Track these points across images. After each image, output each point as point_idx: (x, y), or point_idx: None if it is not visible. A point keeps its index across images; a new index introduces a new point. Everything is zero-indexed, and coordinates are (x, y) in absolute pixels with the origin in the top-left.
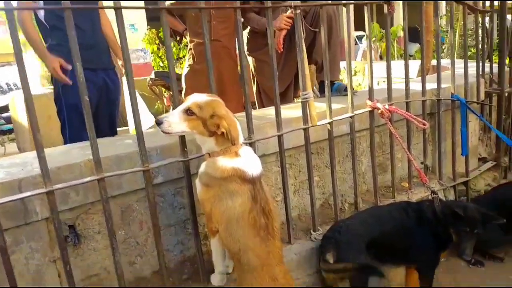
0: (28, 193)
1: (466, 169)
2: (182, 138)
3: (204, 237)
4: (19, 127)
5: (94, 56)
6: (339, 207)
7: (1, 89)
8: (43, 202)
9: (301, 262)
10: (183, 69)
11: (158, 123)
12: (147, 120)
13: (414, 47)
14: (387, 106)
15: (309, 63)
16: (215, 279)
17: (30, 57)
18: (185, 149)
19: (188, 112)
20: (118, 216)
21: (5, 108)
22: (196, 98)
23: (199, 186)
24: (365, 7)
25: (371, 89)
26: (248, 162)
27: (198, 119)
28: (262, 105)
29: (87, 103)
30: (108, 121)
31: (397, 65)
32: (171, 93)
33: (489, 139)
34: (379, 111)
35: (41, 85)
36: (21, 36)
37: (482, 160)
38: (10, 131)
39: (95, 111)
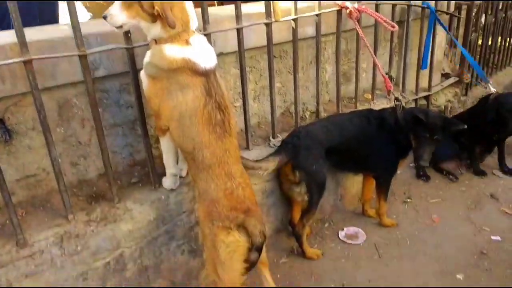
0: None
1: (429, 84)
2: None
3: (155, 141)
4: None
5: None
6: (300, 115)
7: None
8: None
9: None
10: None
11: (104, 17)
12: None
13: None
14: (356, 6)
15: None
16: (167, 182)
17: None
18: (129, 35)
19: None
20: (55, 111)
21: None
22: None
23: (145, 78)
24: None
25: None
26: (200, 52)
27: (134, 3)
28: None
29: None
30: (50, 12)
31: None
32: None
33: (454, 54)
34: (348, 11)
35: None
36: None
37: (445, 75)
38: None
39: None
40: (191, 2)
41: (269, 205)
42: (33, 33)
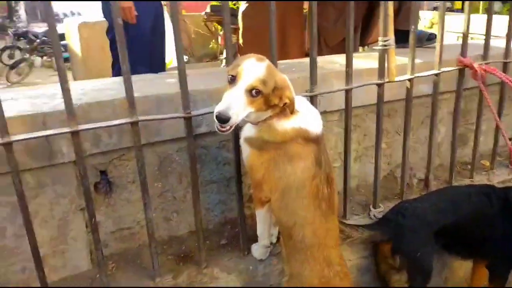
0: (49, 132)
1: None
2: None
3: (248, 199)
4: (73, 56)
5: None
6: (406, 182)
7: (57, 17)
8: (71, 143)
9: (355, 242)
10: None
11: (225, 119)
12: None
13: (497, 3)
14: (483, 65)
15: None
16: (257, 252)
17: None
18: None
19: (254, 92)
20: (155, 165)
21: (62, 37)
22: (255, 72)
23: (248, 150)
24: None
25: (465, 42)
26: (309, 117)
27: (262, 97)
28: (319, 54)
29: (120, 26)
30: (159, 55)
31: (480, 20)
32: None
33: None
34: (472, 71)
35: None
36: None
37: None
38: (68, 59)
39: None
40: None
41: (363, 285)
42: (141, 86)
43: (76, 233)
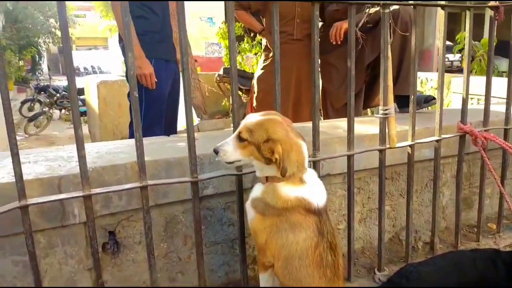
0: (63, 196)
1: None
2: None
3: (252, 261)
4: (91, 112)
5: (170, 47)
6: (411, 245)
7: (77, 72)
8: (83, 205)
9: None
10: (253, 66)
11: (215, 151)
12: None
13: (505, 63)
14: (483, 132)
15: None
16: None
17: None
18: None
19: (240, 138)
20: (162, 227)
21: (81, 91)
22: (248, 120)
23: (252, 213)
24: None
25: (464, 108)
26: (313, 190)
27: (250, 144)
28: (326, 115)
29: (136, 99)
30: (172, 117)
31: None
32: (239, 92)
33: None
34: (472, 138)
35: (123, 72)
36: (109, 22)
37: None
38: (85, 113)
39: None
40: (305, 143)
41: None
42: (153, 149)
43: None
